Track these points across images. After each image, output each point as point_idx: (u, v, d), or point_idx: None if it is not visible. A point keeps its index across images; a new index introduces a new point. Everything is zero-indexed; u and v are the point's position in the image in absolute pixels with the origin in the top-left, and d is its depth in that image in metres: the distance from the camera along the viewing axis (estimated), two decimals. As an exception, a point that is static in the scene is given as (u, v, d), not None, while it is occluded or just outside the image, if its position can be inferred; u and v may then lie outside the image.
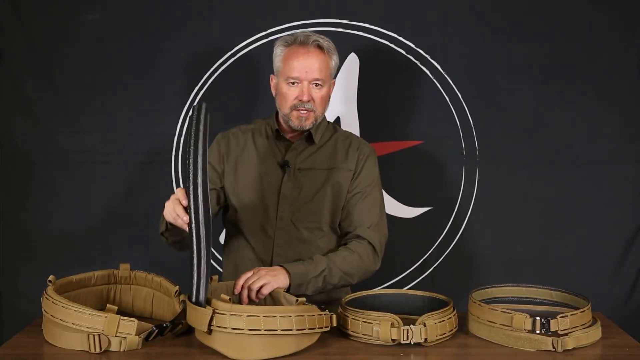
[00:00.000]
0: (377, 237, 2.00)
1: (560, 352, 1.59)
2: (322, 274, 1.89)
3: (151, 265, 2.31)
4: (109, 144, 2.52)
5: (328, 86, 2.00)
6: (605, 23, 2.48)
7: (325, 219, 2.01)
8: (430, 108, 2.51)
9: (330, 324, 1.58)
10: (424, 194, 2.54)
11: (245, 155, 2.06)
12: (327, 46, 1.98)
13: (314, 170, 2.03)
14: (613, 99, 2.51)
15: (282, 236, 2.00)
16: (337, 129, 2.13)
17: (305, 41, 1.96)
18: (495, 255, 2.54)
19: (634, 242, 2.55)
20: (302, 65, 1.95)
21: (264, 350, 1.53)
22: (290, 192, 2.01)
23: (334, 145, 2.07)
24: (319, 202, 2.01)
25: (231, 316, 1.50)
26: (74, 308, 1.58)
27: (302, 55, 1.96)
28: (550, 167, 2.52)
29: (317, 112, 1.99)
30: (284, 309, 1.58)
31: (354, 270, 1.94)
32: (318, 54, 1.96)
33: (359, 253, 1.96)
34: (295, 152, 2.04)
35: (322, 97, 1.98)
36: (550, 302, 1.83)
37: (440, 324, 1.64)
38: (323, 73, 1.96)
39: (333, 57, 2.00)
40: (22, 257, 2.56)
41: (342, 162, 2.04)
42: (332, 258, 1.93)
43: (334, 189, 2.02)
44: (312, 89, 1.97)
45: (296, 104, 1.97)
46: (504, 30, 2.49)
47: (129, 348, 1.58)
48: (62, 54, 2.49)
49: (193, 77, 2.50)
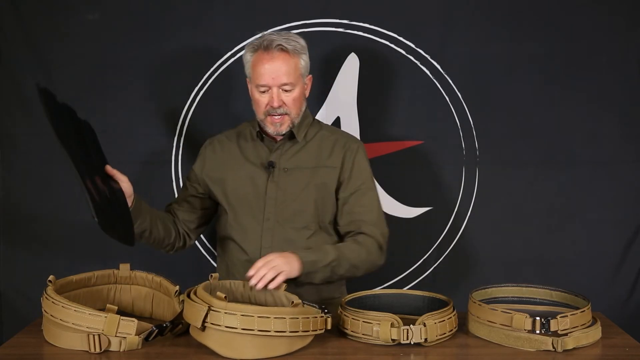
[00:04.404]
0: (381, 233, 2.02)
1: (560, 352, 1.59)
2: (331, 264, 1.90)
3: (151, 265, 2.30)
4: (109, 144, 2.51)
5: (300, 87, 2.01)
6: (606, 23, 2.48)
7: (311, 218, 2.02)
8: (430, 108, 2.51)
9: (325, 326, 1.58)
10: (424, 194, 2.54)
11: (231, 159, 2.09)
12: (292, 48, 1.97)
13: (299, 170, 2.04)
14: (613, 99, 2.51)
15: (269, 237, 2.01)
16: (322, 125, 2.14)
17: (268, 46, 1.96)
18: (495, 255, 2.54)
19: (634, 242, 2.54)
20: (269, 72, 1.96)
21: (256, 350, 1.53)
22: (275, 193, 2.02)
23: (319, 143, 2.08)
24: (304, 202, 2.02)
25: (226, 314, 1.51)
26: (74, 308, 1.58)
27: (267, 61, 1.96)
28: (550, 167, 2.52)
29: (292, 115, 2.01)
30: (279, 310, 1.57)
31: (360, 263, 1.96)
32: (283, 58, 1.96)
33: (366, 246, 1.98)
34: (279, 152, 2.06)
35: (293, 100, 1.99)
36: (550, 302, 1.83)
37: (440, 324, 1.64)
38: (291, 76, 1.97)
39: (302, 56, 2.00)
40: (22, 257, 2.56)
41: (327, 160, 2.05)
42: (342, 249, 1.95)
43: (319, 188, 2.03)
44: (282, 94, 1.98)
45: (269, 110, 1.99)
46: (504, 30, 2.49)
47: (129, 348, 1.58)
48: (62, 54, 2.49)
49: (193, 77, 2.50)
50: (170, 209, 2.14)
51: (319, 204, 2.03)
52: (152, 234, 2.01)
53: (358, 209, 2.03)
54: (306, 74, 2.04)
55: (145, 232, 1.98)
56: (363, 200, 2.04)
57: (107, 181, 1.82)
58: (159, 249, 2.11)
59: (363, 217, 2.02)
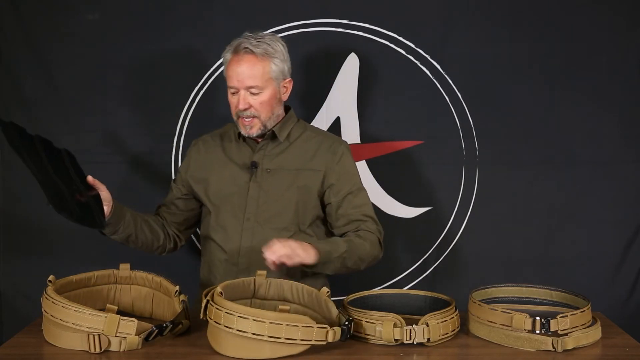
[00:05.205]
0: (378, 229, 2.05)
1: (560, 352, 1.59)
2: (343, 256, 1.91)
3: (151, 265, 2.31)
4: (109, 144, 2.52)
5: (270, 90, 2.00)
6: (606, 23, 2.48)
7: (291, 220, 2.03)
8: (430, 108, 2.51)
9: (326, 339, 1.56)
10: (424, 194, 2.54)
11: (215, 160, 2.11)
12: (261, 51, 1.97)
13: (281, 171, 2.05)
14: (613, 99, 2.51)
15: (249, 237, 2.02)
16: (306, 126, 2.15)
17: (237, 48, 1.99)
18: (495, 255, 2.54)
19: (634, 242, 2.54)
20: (235, 74, 1.98)
21: (270, 351, 1.53)
22: (257, 193, 2.03)
23: (303, 144, 2.08)
24: (285, 203, 2.03)
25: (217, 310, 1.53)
26: (74, 308, 1.58)
27: (235, 63, 1.98)
28: (550, 167, 2.52)
29: (262, 117, 2.01)
30: (277, 316, 1.54)
31: (366, 257, 1.99)
32: (249, 61, 1.97)
33: (370, 241, 2.00)
34: (262, 152, 2.06)
35: (261, 103, 2.00)
36: (550, 302, 1.83)
37: (442, 324, 1.64)
38: (257, 79, 1.97)
39: (273, 60, 1.99)
40: (22, 257, 2.55)
41: (310, 162, 2.06)
42: (351, 242, 1.96)
43: (301, 190, 2.04)
44: (249, 97, 1.99)
45: (238, 112, 2.01)
46: (504, 30, 2.49)
47: (129, 348, 1.58)
48: (62, 54, 2.49)
49: (193, 77, 2.50)
50: (159, 211, 2.16)
51: (300, 206, 2.04)
52: (138, 237, 2.03)
53: (353, 210, 2.04)
54: (281, 78, 2.03)
55: (130, 236, 2.01)
56: (356, 200, 2.05)
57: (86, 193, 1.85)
58: (150, 252, 2.12)
59: (360, 216, 2.03)
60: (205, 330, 1.63)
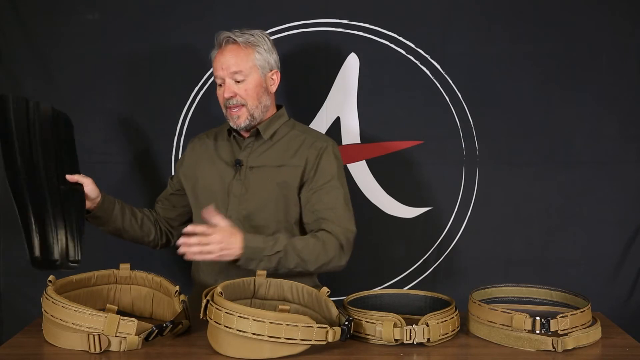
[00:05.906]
0: (343, 232, 1.98)
1: (560, 352, 1.59)
2: (277, 255, 1.88)
3: (151, 265, 2.31)
4: (109, 144, 2.52)
5: (255, 78, 2.02)
6: (606, 23, 2.48)
7: (271, 217, 2.02)
8: (430, 108, 2.51)
9: (326, 339, 1.56)
10: (424, 194, 2.54)
11: (206, 157, 2.13)
12: (244, 40, 2.00)
13: (264, 168, 2.05)
14: (613, 99, 2.51)
15: None
16: (295, 125, 2.15)
17: (220, 41, 2.03)
18: (495, 255, 2.54)
19: (634, 242, 2.54)
20: (219, 64, 2.01)
21: (270, 351, 1.53)
22: (239, 190, 2.03)
23: (287, 142, 2.08)
24: (264, 199, 2.03)
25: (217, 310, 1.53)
26: (74, 308, 1.58)
27: (219, 55, 2.03)
28: (550, 167, 2.52)
29: (249, 105, 2.02)
30: (277, 316, 1.54)
31: (312, 258, 1.93)
32: (232, 49, 2.00)
33: (324, 243, 1.94)
34: (248, 150, 2.07)
35: (246, 90, 2.01)
36: (550, 302, 1.83)
37: (442, 324, 1.64)
38: (241, 65, 1.99)
39: (257, 49, 2.02)
40: (22, 257, 2.55)
41: (291, 159, 2.05)
42: (294, 242, 1.92)
43: (281, 187, 2.03)
44: (234, 85, 2.01)
45: (225, 103, 2.03)
46: (504, 30, 2.48)
47: (129, 348, 1.58)
48: (62, 53, 2.49)
49: (193, 77, 2.50)
50: (155, 206, 2.22)
51: (280, 203, 2.02)
52: (127, 232, 2.09)
53: (320, 206, 2.01)
54: (267, 68, 2.05)
55: (118, 231, 2.08)
56: (326, 198, 2.01)
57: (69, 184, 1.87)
58: (143, 245, 2.17)
59: (324, 214, 1.99)
60: (205, 330, 1.63)
